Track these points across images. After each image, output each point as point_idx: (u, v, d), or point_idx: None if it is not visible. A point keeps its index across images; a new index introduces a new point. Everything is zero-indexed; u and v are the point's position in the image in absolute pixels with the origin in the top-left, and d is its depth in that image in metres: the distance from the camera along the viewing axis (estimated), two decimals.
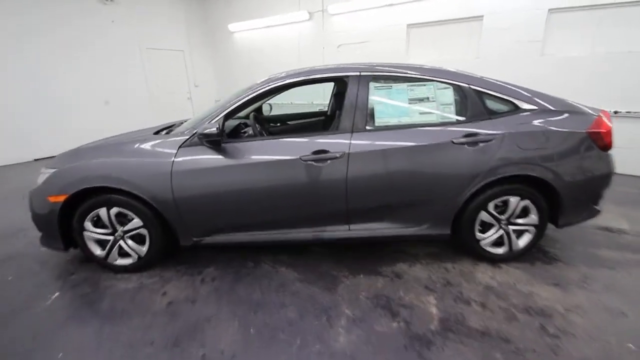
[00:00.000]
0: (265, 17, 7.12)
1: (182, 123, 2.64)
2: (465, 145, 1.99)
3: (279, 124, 3.65)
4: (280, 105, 4.54)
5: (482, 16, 4.82)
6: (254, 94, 2.13)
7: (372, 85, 2.08)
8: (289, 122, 3.64)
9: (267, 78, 2.27)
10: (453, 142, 1.99)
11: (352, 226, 2.17)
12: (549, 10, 4.41)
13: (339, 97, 3.04)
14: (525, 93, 2.14)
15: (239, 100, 2.11)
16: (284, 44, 7.13)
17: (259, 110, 3.47)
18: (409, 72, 2.11)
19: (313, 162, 1.99)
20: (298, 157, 1.99)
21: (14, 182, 4.70)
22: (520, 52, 4.66)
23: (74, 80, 6.30)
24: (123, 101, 7.02)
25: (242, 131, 2.70)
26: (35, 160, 5.98)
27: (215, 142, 1.95)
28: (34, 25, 5.70)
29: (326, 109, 3.69)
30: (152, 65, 7.33)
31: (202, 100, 8.48)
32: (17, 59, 5.60)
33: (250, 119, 2.65)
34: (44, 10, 5.79)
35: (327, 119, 3.49)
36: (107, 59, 6.67)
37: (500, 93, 2.10)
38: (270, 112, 3.66)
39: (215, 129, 1.87)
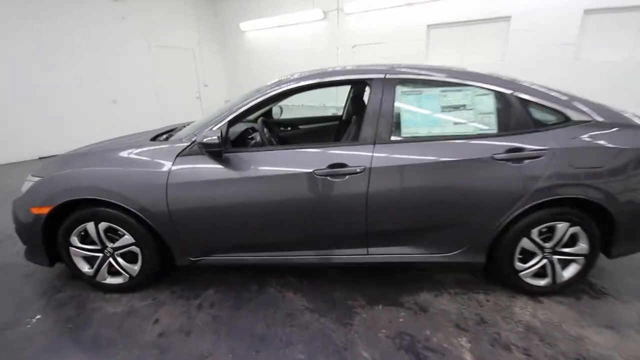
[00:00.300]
0: (277, 15, 6.90)
1: (184, 127, 2.41)
2: (509, 162, 1.70)
3: (289, 128, 3.41)
4: (291, 107, 4.31)
5: (509, 17, 4.51)
6: (263, 98, 1.88)
7: (398, 89, 1.81)
8: (300, 127, 3.39)
9: (277, 80, 2.02)
10: (494, 158, 1.70)
11: (372, 250, 1.89)
12: (585, 11, 4.06)
13: (356, 101, 2.78)
14: (578, 103, 1.84)
15: (246, 105, 1.86)
16: (297, 43, 6.90)
17: (268, 113, 3.23)
18: (441, 75, 1.83)
19: (329, 177, 1.73)
20: (311, 170, 1.73)
21: (13, 182, 4.55)
22: (552, 56, 4.33)
23: (80, 77, 6.17)
24: (130, 100, 6.89)
25: (249, 137, 2.46)
26: (40, 158, 5.86)
27: (216, 153, 1.70)
28: (40, 20, 5.58)
29: (340, 112, 3.43)
30: (161, 63, 7.19)
31: (212, 100, 8.32)
32: (20, 54, 5.47)
33: (258, 124, 2.40)
34: (50, 4, 5.66)
35: (341, 124, 3.23)
36: (115, 57, 6.55)
37: (549, 102, 1.80)
38: (280, 115, 3.41)
39: (216, 137, 1.62)
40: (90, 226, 1.87)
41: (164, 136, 2.28)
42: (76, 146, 2.48)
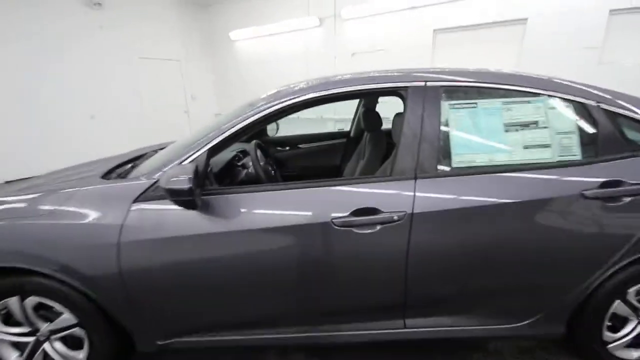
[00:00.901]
0: (270, 23, 6.48)
1: (155, 152, 1.89)
2: (604, 201, 1.22)
3: (287, 148, 2.91)
4: (288, 120, 3.84)
5: (525, 19, 4.12)
6: (258, 116, 1.36)
7: (444, 102, 1.32)
8: (300, 146, 2.89)
9: (274, 92, 1.52)
10: (584, 196, 1.21)
11: (410, 321, 1.37)
12: (610, 11, 3.70)
13: (368, 115, 2.28)
14: None
15: (234, 126, 1.34)
16: (291, 53, 6.48)
17: (262, 130, 2.73)
18: (501, 81, 1.35)
19: (353, 229, 1.21)
20: (328, 219, 1.21)
21: None
22: (573, 60, 3.94)
23: (55, 92, 5.59)
24: (111, 116, 6.31)
25: (240, 164, 1.95)
26: (7, 182, 5.24)
27: (186, 202, 1.17)
28: (6, 30, 5.03)
29: (340, 125, 2.95)
30: (145, 76, 6.66)
31: (200, 114, 7.80)
32: None
33: (251, 147, 1.89)
34: (18, 12, 5.11)
35: (349, 142, 2.74)
36: (93, 69, 5.98)
37: None
38: (277, 132, 2.92)
39: (186, 179, 1.10)
40: (13, 302, 1.31)
41: (129, 166, 1.76)
42: (47, 168, 2.14)
